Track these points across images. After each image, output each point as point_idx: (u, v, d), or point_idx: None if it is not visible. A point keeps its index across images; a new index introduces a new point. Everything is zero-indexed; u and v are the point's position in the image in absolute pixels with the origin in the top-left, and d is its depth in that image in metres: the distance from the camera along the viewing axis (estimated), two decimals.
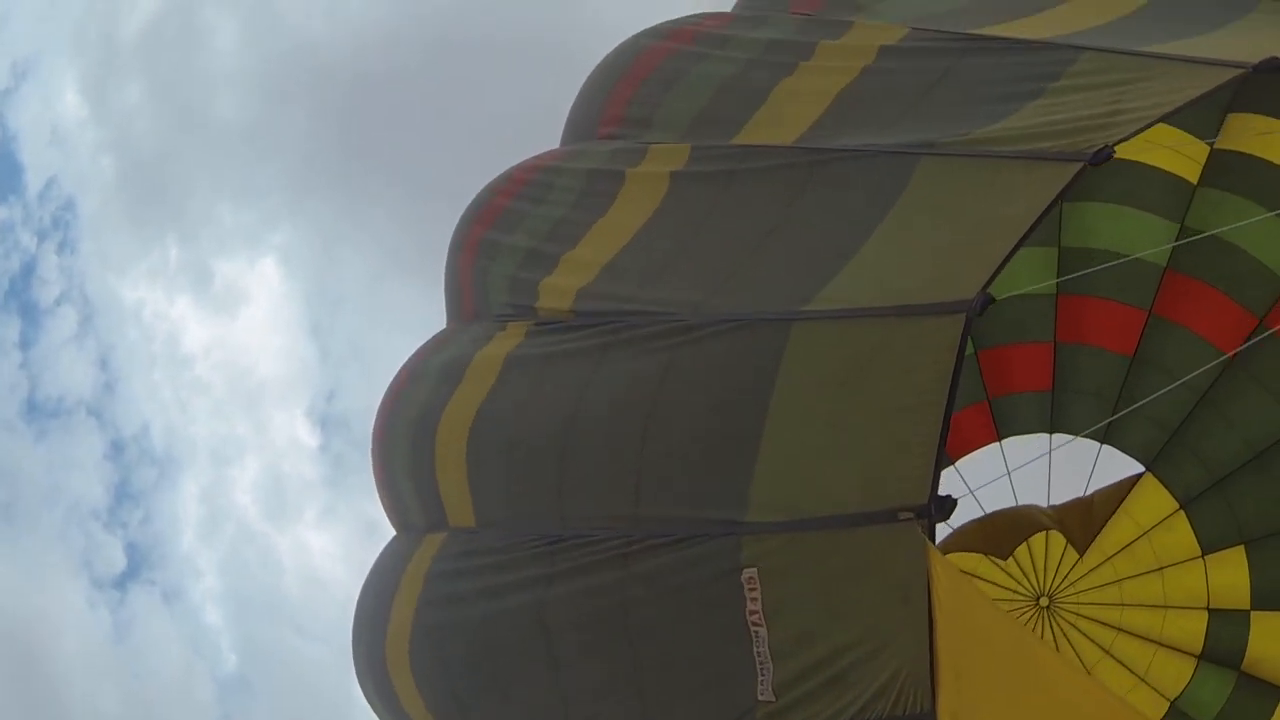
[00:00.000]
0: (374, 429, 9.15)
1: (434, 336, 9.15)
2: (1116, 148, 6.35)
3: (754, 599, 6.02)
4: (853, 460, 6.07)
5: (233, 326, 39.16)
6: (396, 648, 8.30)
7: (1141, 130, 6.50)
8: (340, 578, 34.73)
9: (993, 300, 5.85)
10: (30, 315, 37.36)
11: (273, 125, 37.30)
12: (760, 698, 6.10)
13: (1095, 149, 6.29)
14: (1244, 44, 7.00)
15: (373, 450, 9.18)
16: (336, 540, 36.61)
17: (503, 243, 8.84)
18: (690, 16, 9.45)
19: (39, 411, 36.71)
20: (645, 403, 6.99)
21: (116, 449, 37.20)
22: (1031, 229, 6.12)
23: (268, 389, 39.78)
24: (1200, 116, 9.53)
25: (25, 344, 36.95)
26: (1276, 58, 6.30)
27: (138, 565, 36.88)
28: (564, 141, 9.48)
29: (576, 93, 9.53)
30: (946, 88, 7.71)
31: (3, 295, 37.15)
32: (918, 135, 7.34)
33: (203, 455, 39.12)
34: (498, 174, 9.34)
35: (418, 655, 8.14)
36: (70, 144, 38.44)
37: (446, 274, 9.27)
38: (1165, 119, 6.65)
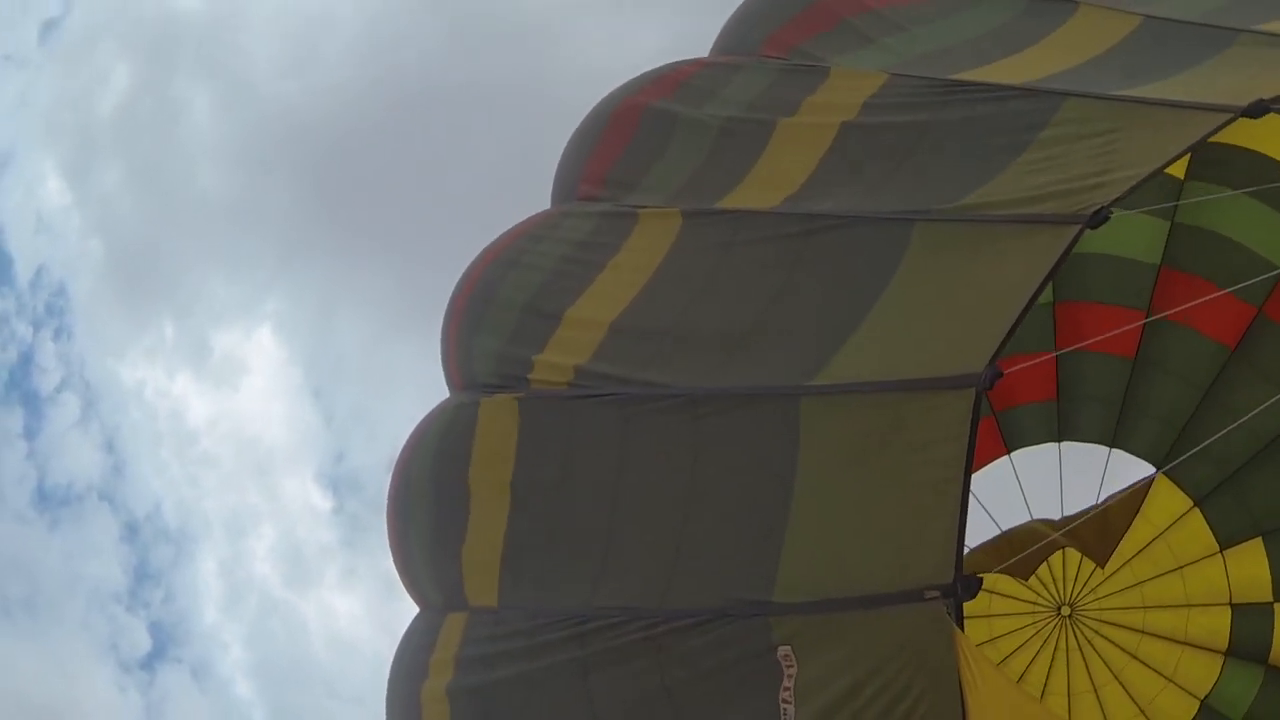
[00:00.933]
0: (388, 508, 9.00)
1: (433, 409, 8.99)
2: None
3: (790, 675, 6.02)
4: (876, 539, 6.06)
5: (235, 398, 38.96)
6: None
7: (1137, 187, 6.49)
8: (367, 636, 34.80)
9: (1001, 375, 5.83)
10: (32, 404, 37.10)
11: (256, 193, 37.37)
12: None
13: (1092, 210, 6.30)
14: (1229, 83, 7.00)
15: (389, 530, 9.01)
16: (359, 600, 36.63)
17: (489, 312, 8.70)
18: (669, 65, 9.38)
19: (50, 500, 36.43)
20: (681, 491, 6.97)
21: (131, 530, 36.88)
22: (1035, 296, 6.11)
23: (276, 456, 39.67)
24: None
25: (30, 434, 36.70)
26: (1264, 101, 6.30)
27: (164, 644, 36.22)
28: (553, 202, 9.36)
29: (562, 149, 9.43)
30: (931, 143, 7.68)
31: (3, 386, 36.95)
32: (908, 198, 7.33)
33: (217, 528, 38.75)
34: (484, 226, 9.25)
35: None
36: (56, 230, 38.33)
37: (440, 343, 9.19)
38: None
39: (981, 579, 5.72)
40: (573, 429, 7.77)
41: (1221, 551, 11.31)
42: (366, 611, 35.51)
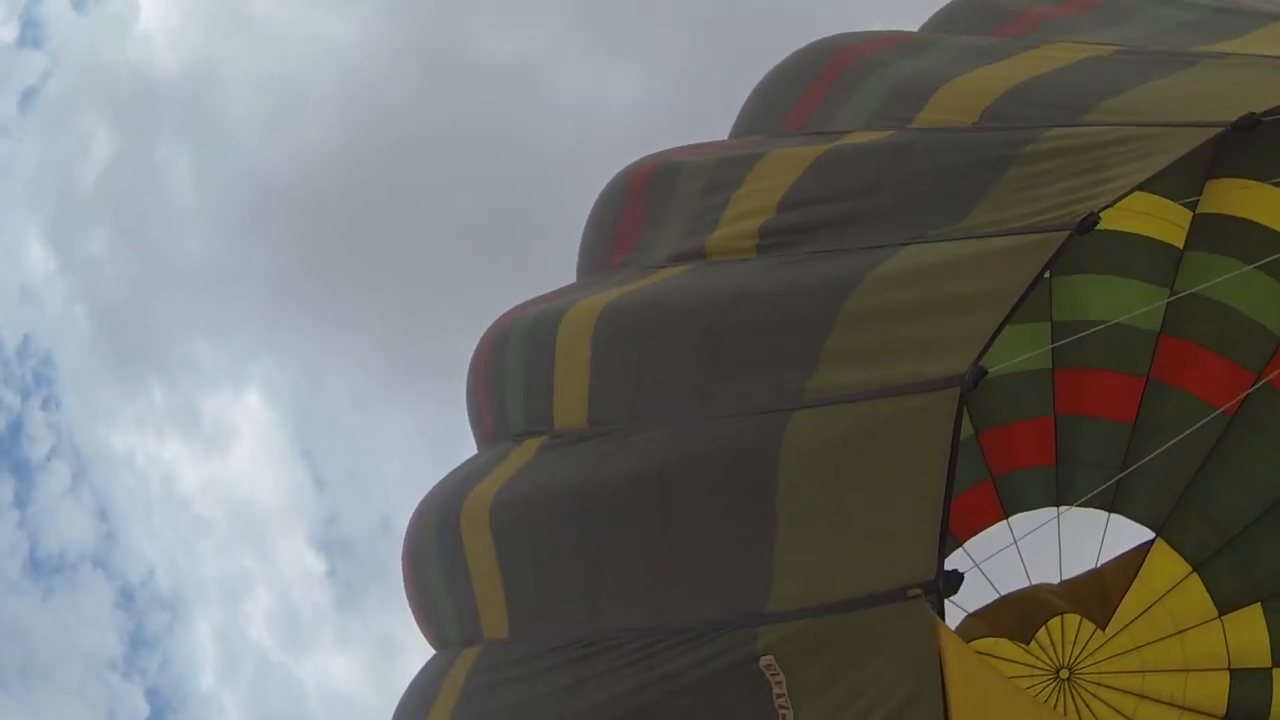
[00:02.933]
0: (404, 555, 9.14)
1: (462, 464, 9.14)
2: (1102, 216, 6.42)
3: (779, 683, 6.03)
4: (860, 543, 6.07)
5: (226, 462, 39.34)
6: None
7: (1127, 194, 6.52)
8: (365, 697, 34.94)
9: (985, 373, 5.88)
10: (23, 473, 37.53)
11: (240, 255, 37.79)
12: None
13: (1081, 218, 6.33)
14: (1212, 89, 7.09)
15: (405, 570, 9.16)
16: (356, 661, 36.83)
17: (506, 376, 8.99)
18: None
19: (43, 568, 36.83)
20: (666, 513, 7.05)
21: (126, 596, 37.32)
22: (1022, 299, 6.17)
23: (268, 520, 39.95)
24: (1181, 182, 9.63)
25: (21, 502, 37.12)
26: (1254, 114, 6.30)
27: (161, 710, 36.70)
28: (579, 274, 9.57)
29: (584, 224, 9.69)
30: (917, 158, 7.75)
31: None
32: (897, 222, 7.34)
33: (212, 593, 39.12)
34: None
35: None
36: (41, 299, 38.78)
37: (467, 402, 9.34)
38: (1147, 182, 6.65)
39: (963, 574, 5.73)
40: (557, 468, 7.96)
41: (1220, 617, 11.26)
42: (365, 672, 35.71)
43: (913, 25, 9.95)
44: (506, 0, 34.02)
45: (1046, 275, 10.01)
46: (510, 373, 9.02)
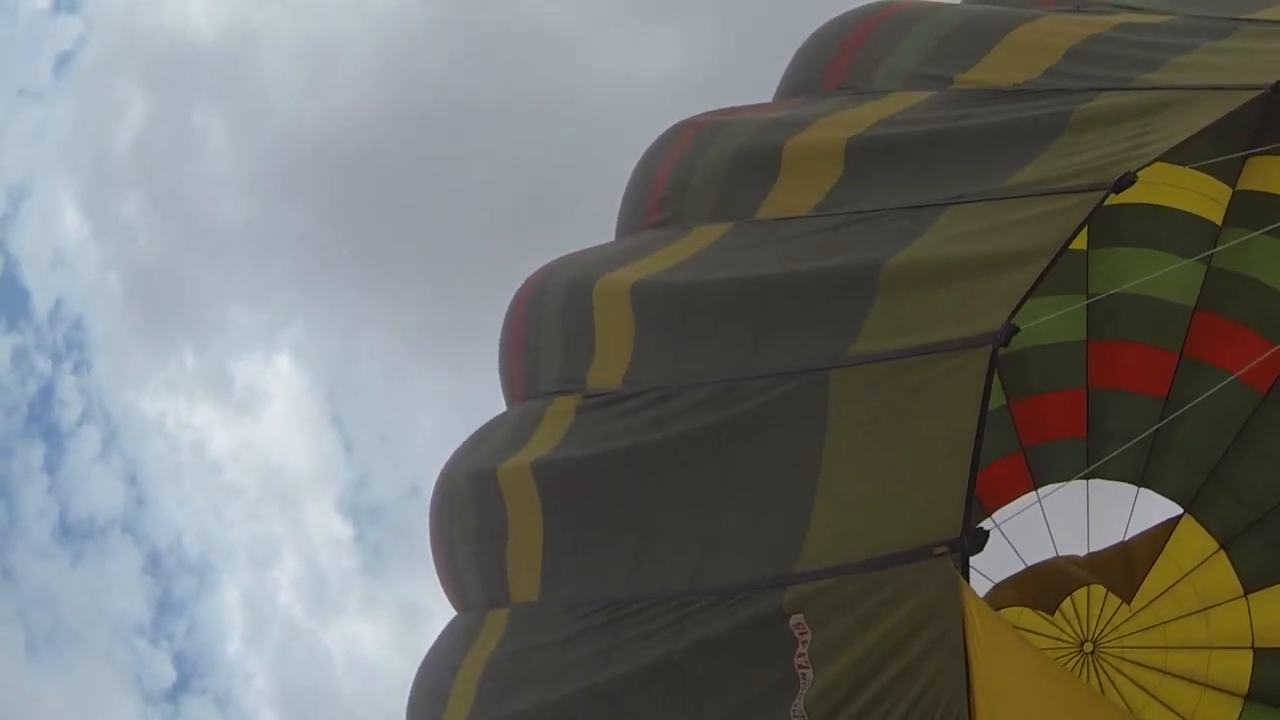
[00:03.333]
0: (432, 508, 9.20)
1: (487, 423, 9.21)
2: (1137, 193, 6.52)
3: (805, 642, 6.10)
4: (891, 502, 6.18)
5: (257, 427, 39.06)
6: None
7: (1164, 152, 6.64)
8: (392, 665, 34.52)
9: (1017, 330, 5.96)
10: (53, 438, 37.34)
11: (274, 220, 37.46)
12: None
13: (1118, 177, 6.44)
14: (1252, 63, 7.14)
15: (431, 529, 9.22)
16: (383, 628, 36.61)
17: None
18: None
19: (72, 533, 36.67)
20: (712, 476, 7.10)
21: (154, 562, 37.22)
22: (1057, 257, 6.26)
23: (297, 486, 39.82)
24: (1222, 161, 9.62)
25: (51, 467, 36.99)
26: None
27: (188, 676, 36.41)
28: (619, 227, 9.70)
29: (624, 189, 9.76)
30: (967, 133, 7.83)
31: (24, 420, 37.30)
32: (942, 187, 7.47)
33: (240, 559, 39.13)
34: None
35: None
36: (74, 263, 38.58)
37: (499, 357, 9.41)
38: (1189, 157, 6.74)
39: (988, 532, 5.81)
40: (607, 433, 7.96)
41: (1246, 595, 11.27)
42: (391, 639, 35.56)
43: None
44: None
45: (1085, 249, 10.28)
46: (547, 330, 9.07)
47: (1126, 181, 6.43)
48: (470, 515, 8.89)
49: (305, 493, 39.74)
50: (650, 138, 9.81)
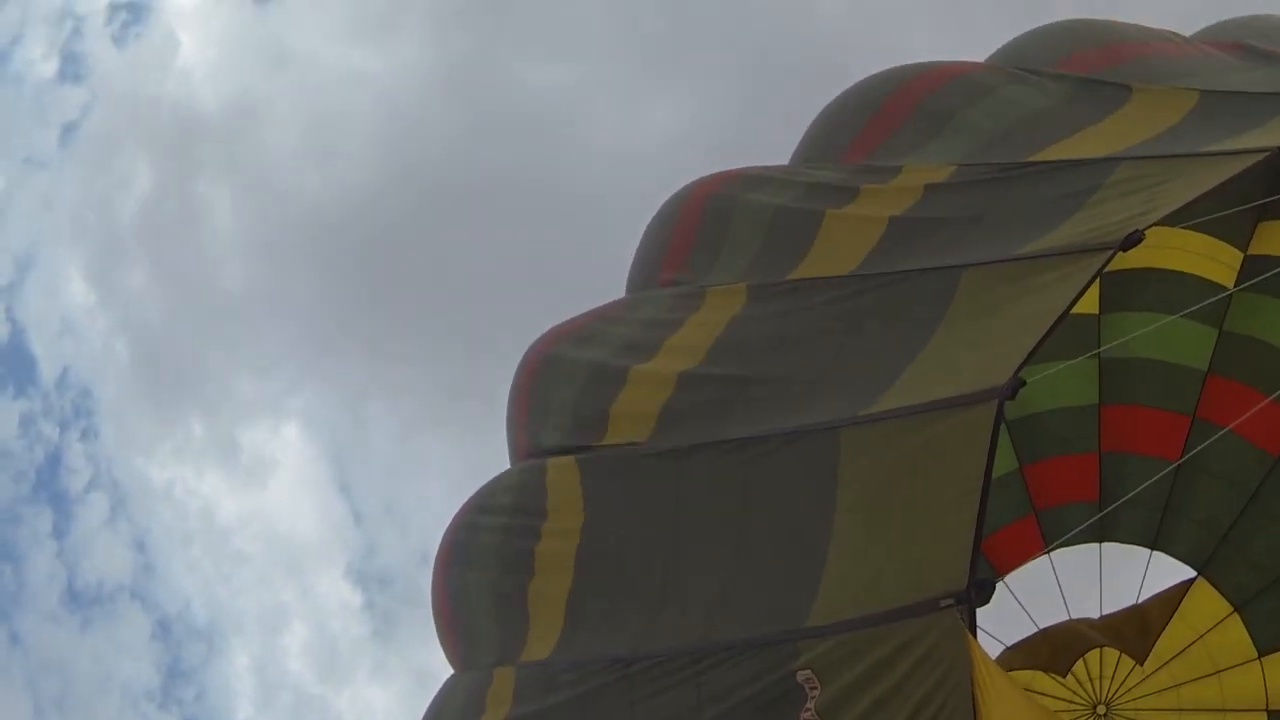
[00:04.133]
0: (439, 565, 9.14)
1: (492, 480, 9.17)
2: (1149, 257, 6.58)
3: (813, 696, 6.13)
4: (899, 558, 6.24)
5: (264, 495, 38.73)
6: None
7: (1168, 214, 6.79)
8: None
9: (1023, 384, 6.03)
10: (61, 505, 36.95)
11: (280, 289, 37.31)
12: None
13: (1125, 235, 6.59)
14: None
15: (437, 585, 9.15)
16: (394, 695, 36.02)
17: (559, 383, 9.00)
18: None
19: (80, 599, 36.28)
20: (732, 533, 7.19)
21: (163, 628, 36.79)
22: (1063, 316, 6.36)
23: (306, 553, 39.39)
24: (1233, 225, 9.68)
25: (59, 533, 36.64)
26: None
27: None
28: (629, 291, 9.66)
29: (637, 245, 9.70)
30: (993, 215, 7.92)
31: (32, 487, 36.93)
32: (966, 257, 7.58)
33: (250, 626, 38.45)
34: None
35: None
36: (81, 331, 38.27)
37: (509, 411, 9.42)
38: (1202, 224, 6.84)
39: (995, 583, 5.87)
40: (630, 486, 8.03)
41: (1260, 658, 11.25)
42: (402, 707, 35.32)
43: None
44: (547, 37, 33.74)
45: (1097, 313, 10.31)
46: (558, 388, 9.07)
47: (1134, 239, 6.57)
48: (487, 569, 8.83)
49: (314, 560, 39.41)
50: (650, 209, 9.86)
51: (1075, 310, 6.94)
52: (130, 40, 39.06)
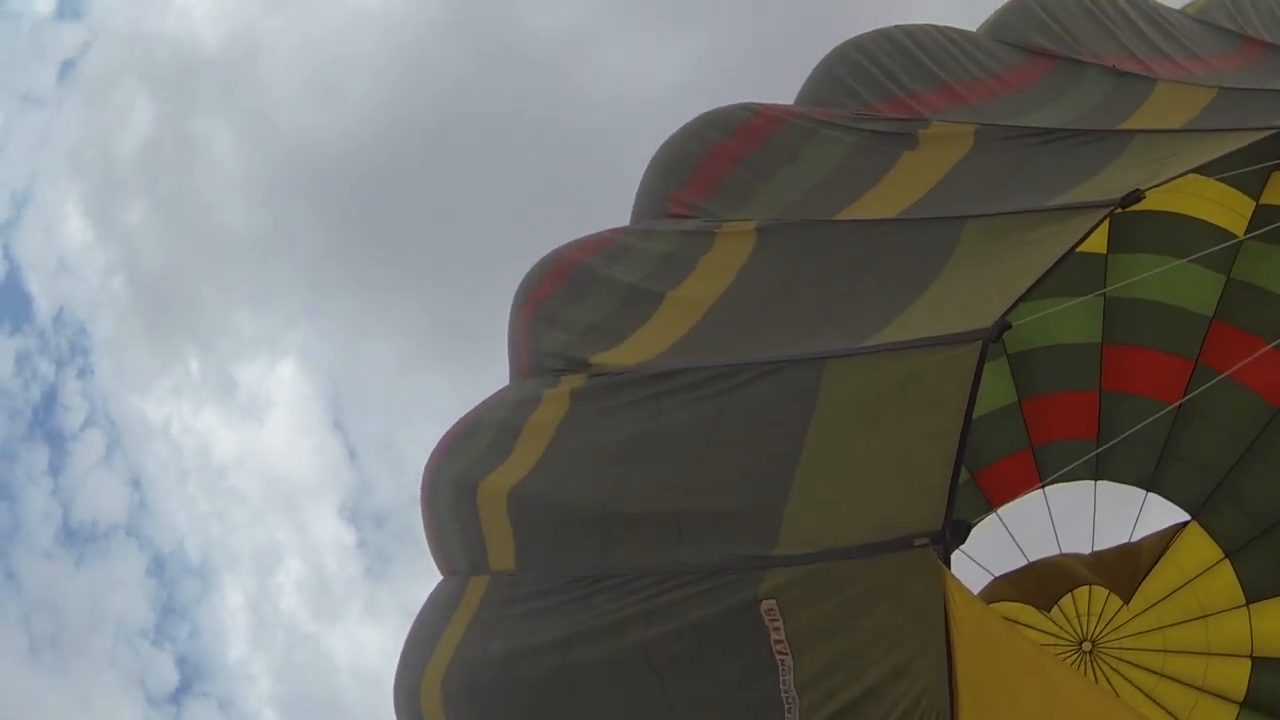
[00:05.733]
0: (423, 479, 9.30)
1: (493, 394, 9.28)
2: (1163, 200, 6.66)
3: (777, 629, 6.06)
4: (875, 491, 6.15)
5: (260, 432, 38.79)
6: (431, 693, 8.42)
7: (1168, 180, 6.92)
8: (395, 669, 34.54)
9: (1009, 326, 6.02)
10: (56, 442, 37.14)
11: (278, 227, 37.16)
12: None
13: (1124, 194, 6.67)
14: None
15: (421, 498, 9.34)
16: (386, 633, 36.06)
17: (564, 312, 8.99)
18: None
19: (76, 537, 36.53)
20: (695, 452, 7.13)
21: (157, 565, 37.08)
22: (1056, 265, 6.39)
23: (301, 491, 39.43)
24: (1247, 175, 9.65)
25: (55, 471, 36.79)
26: None
27: (190, 679, 36.20)
28: (635, 216, 9.59)
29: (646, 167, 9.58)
30: (1016, 180, 8.06)
31: (28, 425, 37.15)
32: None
33: (244, 563, 38.65)
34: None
35: (452, 703, 8.26)
36: (78, 269, 38.36)
37: (508, 331, 9.45)
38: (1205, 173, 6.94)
39: (971, 524, 5.86)
40: (605, 407, 8.01)
41: (1248, 605, 11.36)
42: (394, 645, 35.20)
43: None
44: None
45: (1105, 253, 10.35)
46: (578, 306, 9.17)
47: (1134, 198, 6.66)
48: (448, 500, 8.93)
49: (309, 498, 39.49)
50: (654, 146, 9.64)
51: (1083, 248, 7.08)
52: None
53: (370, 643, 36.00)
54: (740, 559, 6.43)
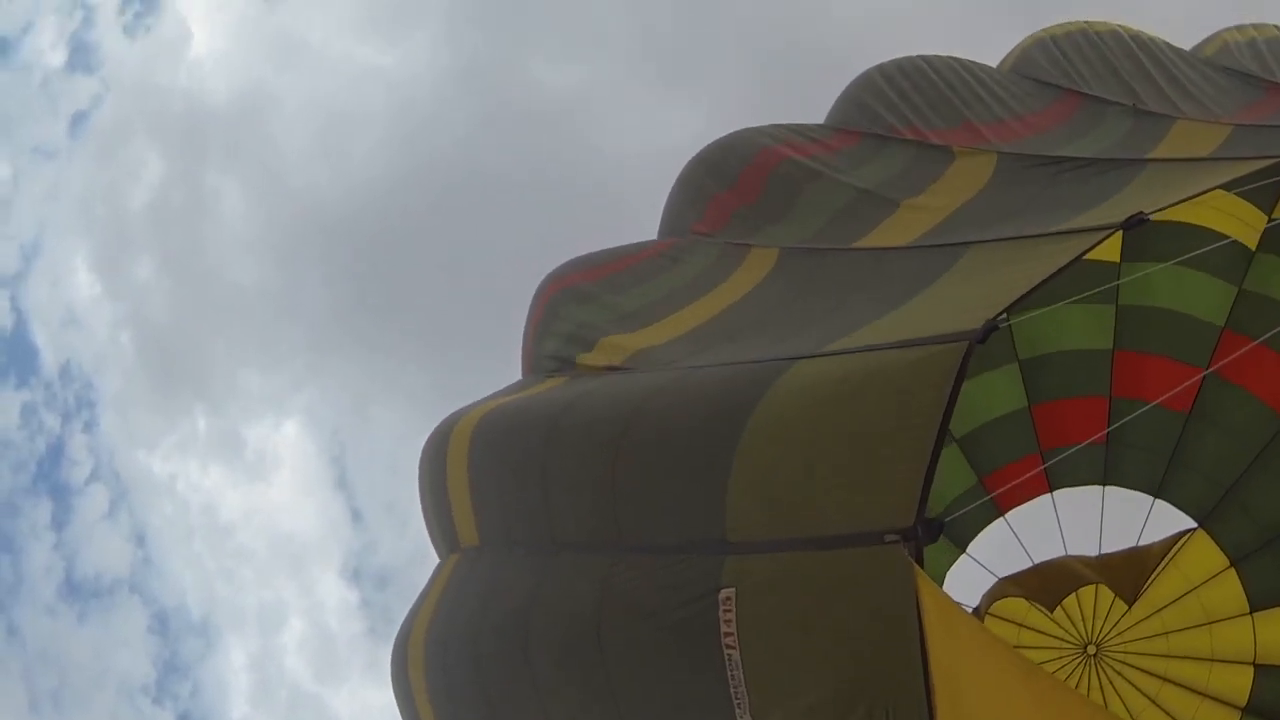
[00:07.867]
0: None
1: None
2: (1177, 211, 6.79)
3: (728, 620, 5.93)
4: (840, 480, 5.89)
5: (267, 491, 38.74)
6: (415, 662, 8.77)
7: (1172, 205, 7.21)
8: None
9: (996, 329, 5.92)
10: (61, 496, 36.88)
11: (287, 285, 37.09)
12: None
13: (1127, 217, 6.80)
14: None
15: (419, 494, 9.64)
16: (388, 694, 35.95)
17: (574, 313, 9.33)
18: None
19: (79, 592, 36.32)
20: (621, 419, 7.17)
21: (160, 622, 36.95)
22: (1048, 279, 6.44)
23: (305, 550, 39.53)
24: (1262, 189, 9.71)
25: (58, 525, 36.53)
26: None
27: None
28: (662, 230, 9.93)
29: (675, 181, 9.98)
30: (1032, 207, 8.34)
31: (32, 478, 36.79)
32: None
33: (248, 622, 38.70)
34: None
35: (430, 668, 8.56)
36: (86, 322, 38.20)
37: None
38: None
39: (943, 523, 5.60)
40: (575, 386, 8.29)
41: (1252, 613, 11.43)
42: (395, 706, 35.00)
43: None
44: (561, 34, 33.44)
45: (1118, 262, 10.43)
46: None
47: (1135, 221, 6.79)
48: (429, 476, 9.27)
49: (313, 557, 39.33)
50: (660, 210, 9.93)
51: (1095, 256, 7.35)
52: (142, 31, 39.19)
53: (373, 702, 35.82)
54: (700, 542, 6.32)
